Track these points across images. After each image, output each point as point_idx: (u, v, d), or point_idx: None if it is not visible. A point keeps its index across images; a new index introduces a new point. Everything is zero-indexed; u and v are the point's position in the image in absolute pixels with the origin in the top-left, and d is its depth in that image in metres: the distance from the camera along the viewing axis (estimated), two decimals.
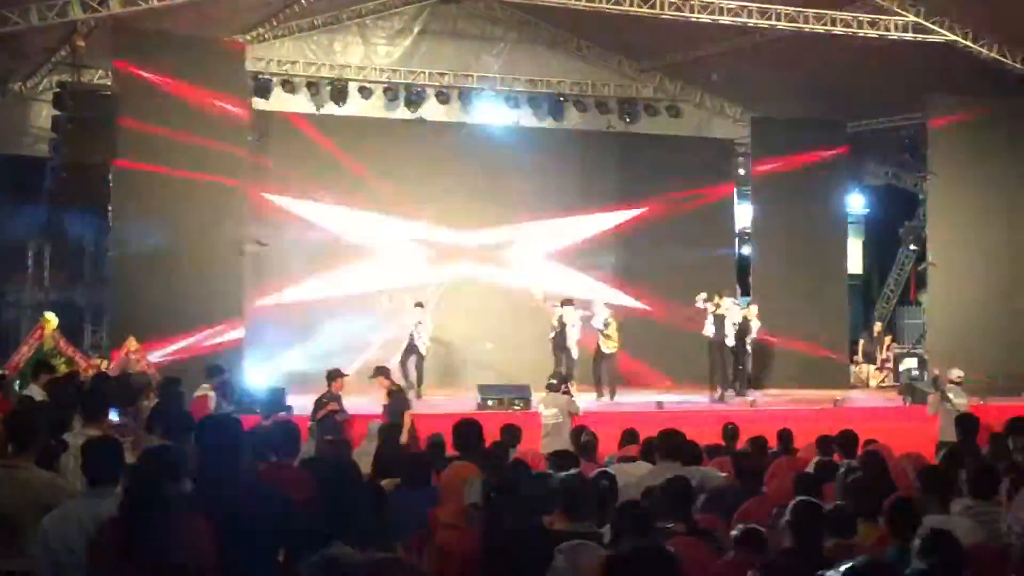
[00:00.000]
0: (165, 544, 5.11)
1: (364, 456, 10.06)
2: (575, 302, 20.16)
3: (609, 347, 20.08)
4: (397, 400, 14.70)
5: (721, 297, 20.48)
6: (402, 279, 22.38)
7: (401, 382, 17.08)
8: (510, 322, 22.18)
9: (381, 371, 15.20)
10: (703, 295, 20.24)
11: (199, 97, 18.88)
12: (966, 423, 10.64)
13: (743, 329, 20.65)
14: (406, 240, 23.03)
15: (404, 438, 13.57)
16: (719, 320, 20.27)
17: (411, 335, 19.90)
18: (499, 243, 23.48)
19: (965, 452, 9.60)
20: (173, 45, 19.23)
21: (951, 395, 17.12)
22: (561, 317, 19.75)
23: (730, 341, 20.37)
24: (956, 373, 17.76)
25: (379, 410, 14.61)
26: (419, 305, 20.18)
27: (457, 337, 22.29)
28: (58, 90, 18.93)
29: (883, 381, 24.67)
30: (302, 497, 6.36)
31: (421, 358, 19.96)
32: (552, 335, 19.83)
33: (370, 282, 21.34)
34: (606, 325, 20.08)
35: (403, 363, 19.68)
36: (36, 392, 12.70)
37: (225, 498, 5.53)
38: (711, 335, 20.30)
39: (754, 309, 21.25)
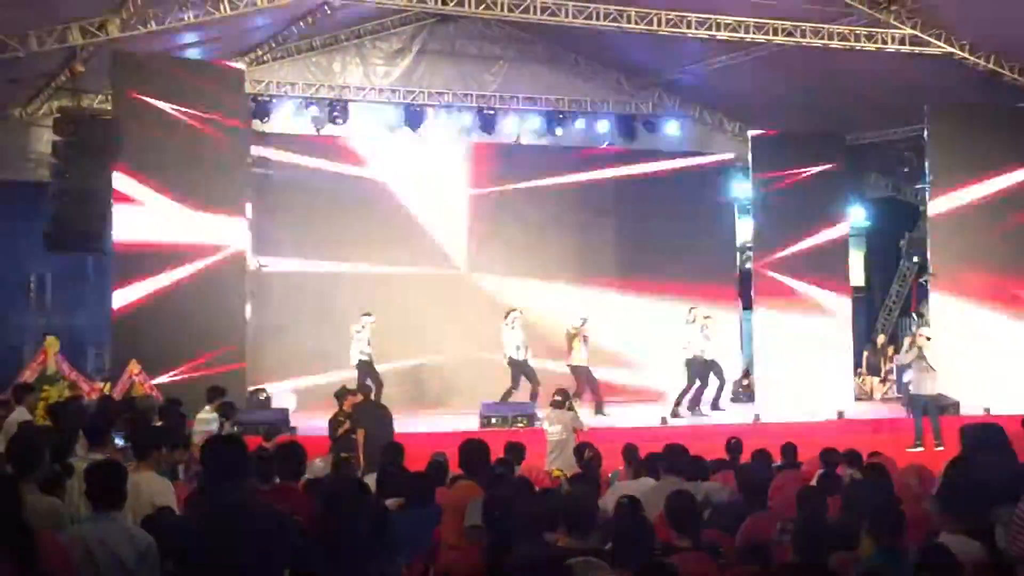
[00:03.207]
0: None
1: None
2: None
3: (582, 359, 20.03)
4: (357, 412, 14.67)
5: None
6: (404, 299, 22.35)
7: None
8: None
9: (347, 392, 15.31)
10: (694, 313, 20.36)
11: (199, 119, 18.96)
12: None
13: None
14: (405, 259, 23.01)
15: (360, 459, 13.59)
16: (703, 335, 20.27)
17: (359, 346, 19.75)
18: (498, 259, 23.44)
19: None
20: (172, 69, 19.35)
21: (926, 352, 17.27)
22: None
23: (708, 356, 20.32)
24: (929, 331, 17.97)
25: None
26: (367, 315, 19.93)
27: (457, 355, 22.27)
28: (58, 115, 18.97)
29: (887, 393, 24.67)
30: (306, 518, 6.37)
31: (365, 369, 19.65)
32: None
33: (370, 303, 21.24)
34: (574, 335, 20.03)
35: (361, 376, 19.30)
36: (22, 414, 12.74)
37: (229, 520, 5.53)
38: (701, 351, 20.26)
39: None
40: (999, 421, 16.84)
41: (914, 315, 26.01)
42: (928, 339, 17.88)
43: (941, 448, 16.83)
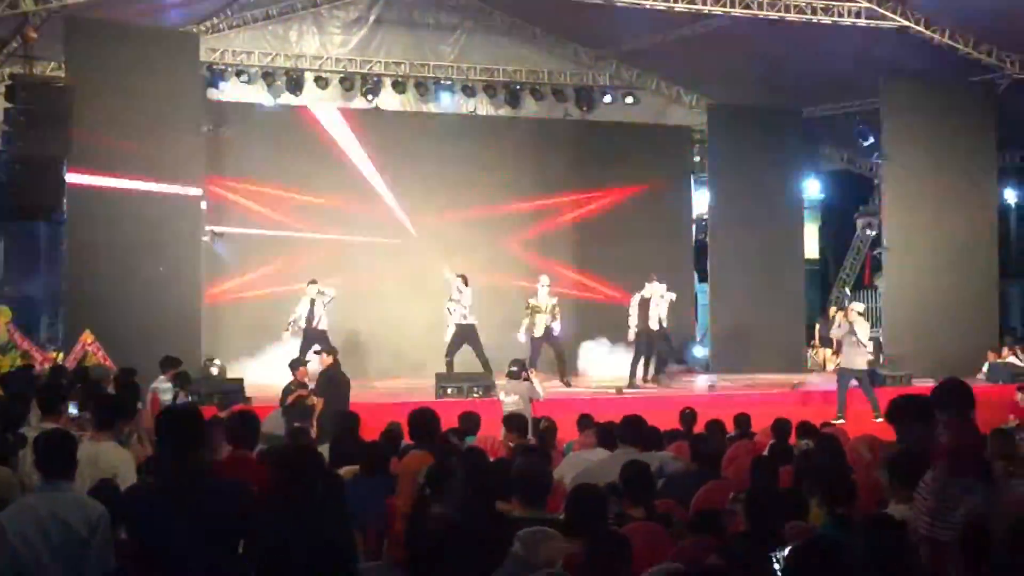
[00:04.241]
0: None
1: None
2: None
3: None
4: (323, 379, 14.70)
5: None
6: (359, 268, 22.29)
7: None
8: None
9: (327, 351, 15.36)
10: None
11: (153, 87, 18.79)
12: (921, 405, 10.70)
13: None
14: (362, 229, 22.92)
15: (314, 426, 13.62)
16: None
17: (309, 314, 19.47)
18: (455, 232, 23.35)
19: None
20: (126, 36, 19.12)
21: (856, 327, 17.42)
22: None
23: (653, 325, 20.25)
24: (860, 306, 18.14)
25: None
26: (313, 282, 19.61)
27: (414, 326, 22.22)
28: (10, 82, 18.74)
29: (839, 365, 24.84)
30: (260, 487, 6.36)
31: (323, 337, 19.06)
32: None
33: (326, 272, 21.13)
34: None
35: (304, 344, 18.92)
36: None
37: (184, 489, 5.52)
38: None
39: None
40: None
41: (876, 284, 26.15)
42: (860, 314, 17.97)
43: (881, 419, 16.99)
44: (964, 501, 5.81)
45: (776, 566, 5.05)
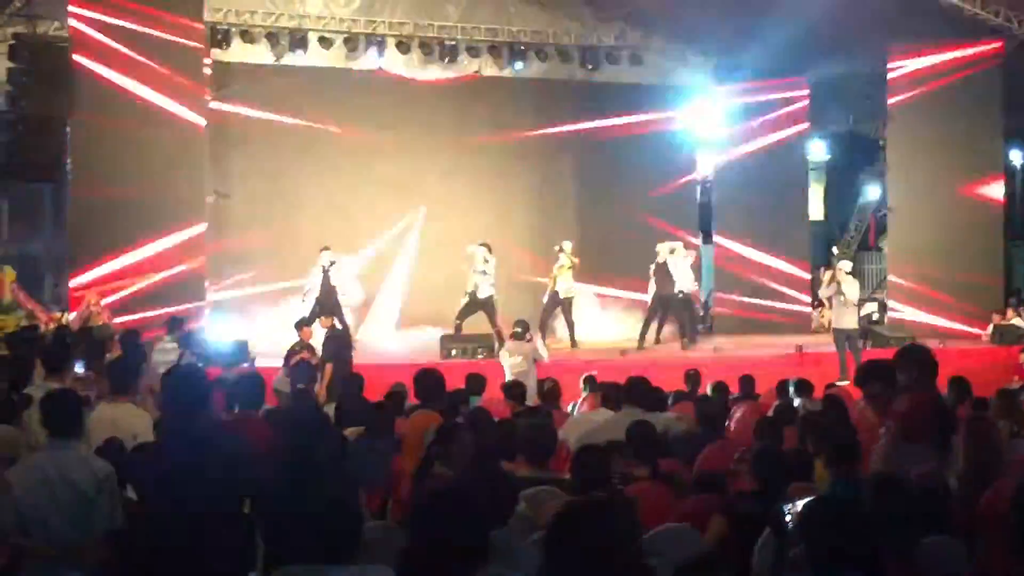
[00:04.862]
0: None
1: None
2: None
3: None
4: (332, 343, 14.77)
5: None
6: (363, 230, 22.27)
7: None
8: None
9: (305, 322, 15.43)
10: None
11: (157, 47, 18.73)
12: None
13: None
14: (369, 189, 22.88)
15: (320, 388, 13.69)
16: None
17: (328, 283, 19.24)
18: (459, 195, 23.29)
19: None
20: None
21: (844, 287, 17.44)
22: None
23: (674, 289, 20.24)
24: (848, 265, 18.15)
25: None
26: (326, 248, 19.40)
27: (420, 287, 22.23)
28: (13, 42, 18.69)
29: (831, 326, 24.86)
30: (266, 447, 6.38)
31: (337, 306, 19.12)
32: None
33: (331, 235, 21.10)
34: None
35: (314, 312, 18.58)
36: None
37: (190, 448, 5.54)
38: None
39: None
40: (952, 352, 17.21)
41: (880, 246, 26.13)
42: (848, 273, 17.98)
43: (847, 382, 17.05)
44: (913, 467, 5.82)
45: (787, 519, 5.06)
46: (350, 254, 20.03)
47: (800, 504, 4.82)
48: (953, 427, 7.02)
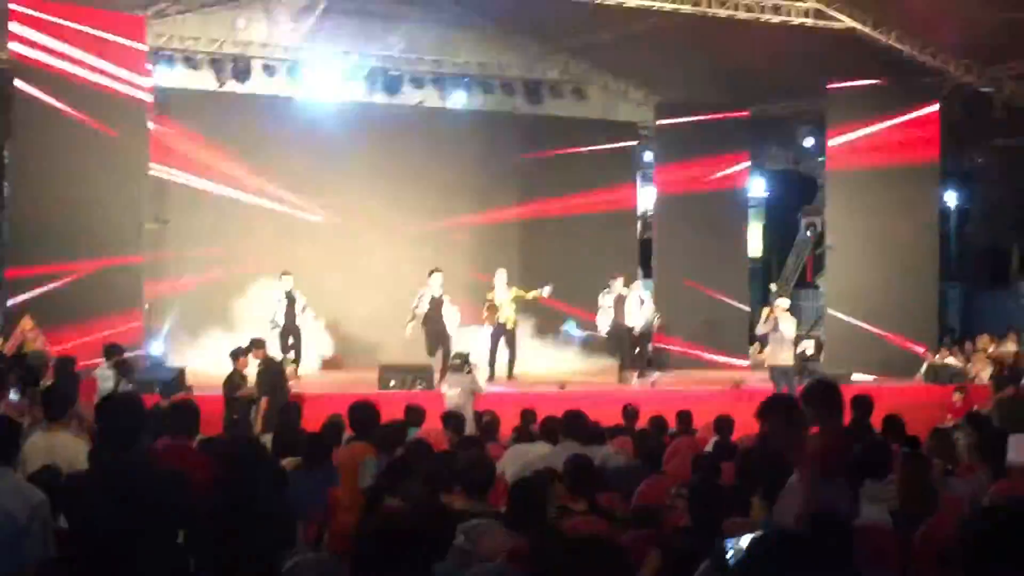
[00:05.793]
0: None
1: None
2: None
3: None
4: (267, 377, 14.67)
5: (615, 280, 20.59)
6: (304, 258, 22.14)
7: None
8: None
9: (256, 343, 15.28)
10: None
11: (98, 70, 18.57)
12: (861, 403, 10.81)
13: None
14: (308, 219, 22.83)
15: (259, 423, 13.62)
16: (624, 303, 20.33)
17: (288, 309, 19.14)
18: (400, 224, 23.26)
19: (859, 432, 9.79)
20: (72, 16, 18.84)
21: (781, 324, 17.62)
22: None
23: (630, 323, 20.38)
24: (785, 303, 18.32)
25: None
26: (286, 274, 19.34)
27: (357, 317, 22.18)
28: None
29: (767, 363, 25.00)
30: (201, 477, 6.32)
31: (298, 334, 19.24)
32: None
33: (270, 262, 21.01)
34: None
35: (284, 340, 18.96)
36: None
37: (123, 478, 5.47)
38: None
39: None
40: (887, 390, 17.37)
41: (817, 284, 26.39)
42: (785, 310, 18.16)
43: None
44: (838, 503, 5.88)
45: (729, 555, 5.07)
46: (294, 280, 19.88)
47: (744, 540, 4.83)
48: (875, 463, 7.12)
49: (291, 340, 18.98)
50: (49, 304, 17.58)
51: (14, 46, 18.41)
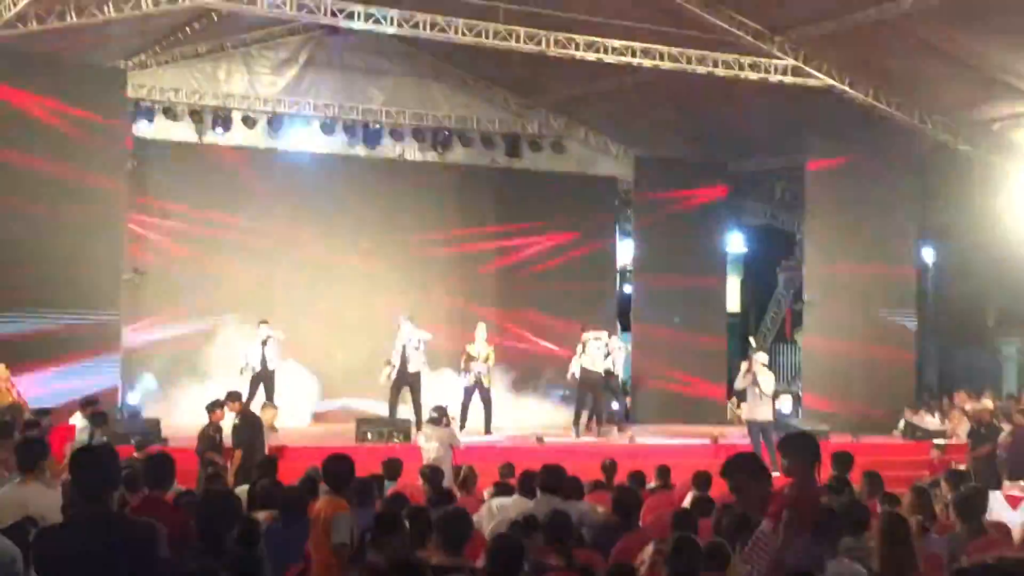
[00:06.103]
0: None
1: None
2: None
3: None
4: (243, 430, 14.59)
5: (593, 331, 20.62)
6: (283, 308, 22.05)
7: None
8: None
9: (232, 396, 15.21)
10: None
11: (78, 121, 18.56)
12: (842, 460, 10.81)
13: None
14: (287, 270, 22.79)
15: (231, 476, 13.51)
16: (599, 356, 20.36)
17: (263, 356, 19.37)
18: (381, 275, 23.24)
19: (839, 488, 9.78)
20: (52, 68, 18.92)
21: (760, 379, 17.60)
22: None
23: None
24: (764, 357, 18.31)
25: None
26: (264, 322, 19.60)
27: (336, 366, 22.12)
28: None
29: (744, 417, 24.99)
30: (176, 530, 6.26)
31: (270, 382, 19.34)
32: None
33: (248, 312, 20.93)
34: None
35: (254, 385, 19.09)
36: None
37: (97, 531, 5.41)
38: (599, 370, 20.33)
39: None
40: (864, 447, 17.36)
41: (795, 339, 26.44)
42: (764, 365, 18.15)
43: (778, 474, 17.07)
44: (805, 559, 5.87)
45: None
46: (271, 329, 19.82)
47: None
48: (854, 521, 7.11)
49: (261, 386, 18.99)
50: (24, 353, 17.47)
51: None
